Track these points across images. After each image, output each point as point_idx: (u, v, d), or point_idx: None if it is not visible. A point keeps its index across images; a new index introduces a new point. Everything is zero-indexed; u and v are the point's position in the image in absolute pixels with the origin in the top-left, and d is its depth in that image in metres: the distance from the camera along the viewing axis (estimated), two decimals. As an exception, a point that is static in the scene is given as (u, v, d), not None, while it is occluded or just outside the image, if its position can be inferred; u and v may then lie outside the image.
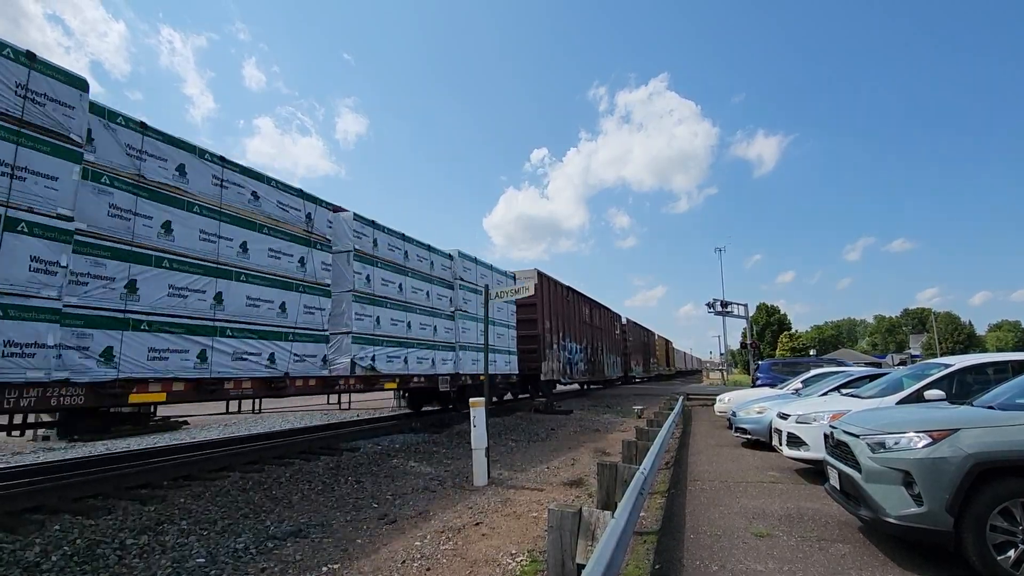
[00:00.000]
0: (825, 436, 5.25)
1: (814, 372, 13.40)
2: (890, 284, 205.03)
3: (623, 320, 34.78)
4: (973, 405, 4.55)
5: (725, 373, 53.64)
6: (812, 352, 64.98)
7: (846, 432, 4.61)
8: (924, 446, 3.85)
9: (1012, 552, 3.49)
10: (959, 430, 3.81)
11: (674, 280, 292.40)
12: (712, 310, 34.66)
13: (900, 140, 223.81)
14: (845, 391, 8.84)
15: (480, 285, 13.19)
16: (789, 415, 7.66)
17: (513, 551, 4.49)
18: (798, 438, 7.23)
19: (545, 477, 7.54)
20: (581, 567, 3.10)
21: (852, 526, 4.93)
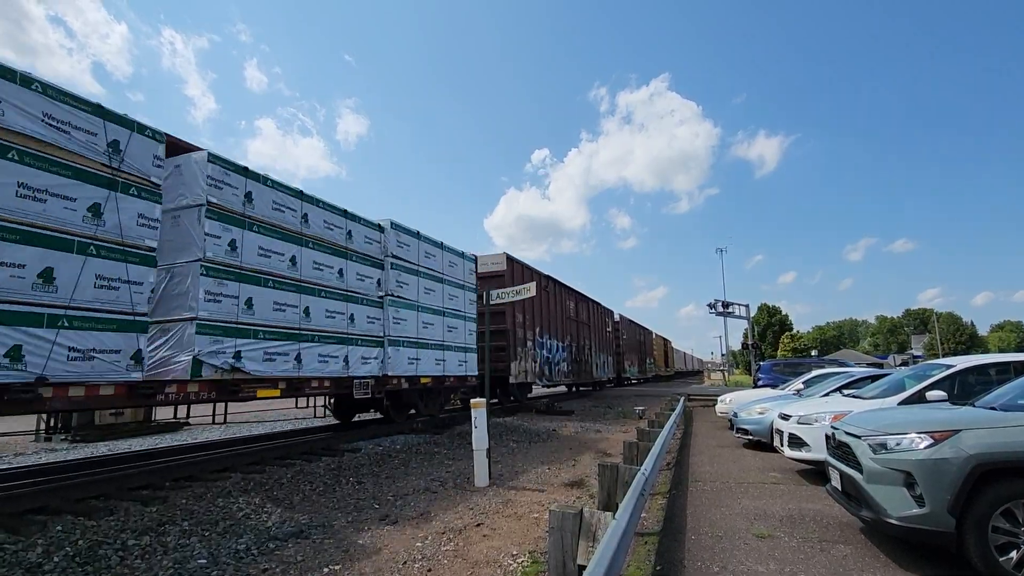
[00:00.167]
0: (827, 437, 5.24)
1: (816, 373, 13.35)
2: (892, 284, 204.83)
3: (615, 316, 31.83)
4: (975, 406, 4.53)
5: (726, 374, 53.73)
6: (814, 352, 64.94)
7: (848, 433, 4.60)
8: (926, 447, 3.84)
9: (1014, 553, 3.48)
10: (961, 431, 3.80)
11: (675, 281, 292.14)
12: (713, 311, 34.59)
13: (901, 140, 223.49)
14: (847, 392, 8.82)
15: (423, 266, 11.49)
16: (790, 416, 7.65)
17: (514, 552, 4.50)
18: (799, 439, 7.21)
19: (546, 478, 7.55)
20: (582, 568, 3.09)
21: (854, 527, 4.93)
